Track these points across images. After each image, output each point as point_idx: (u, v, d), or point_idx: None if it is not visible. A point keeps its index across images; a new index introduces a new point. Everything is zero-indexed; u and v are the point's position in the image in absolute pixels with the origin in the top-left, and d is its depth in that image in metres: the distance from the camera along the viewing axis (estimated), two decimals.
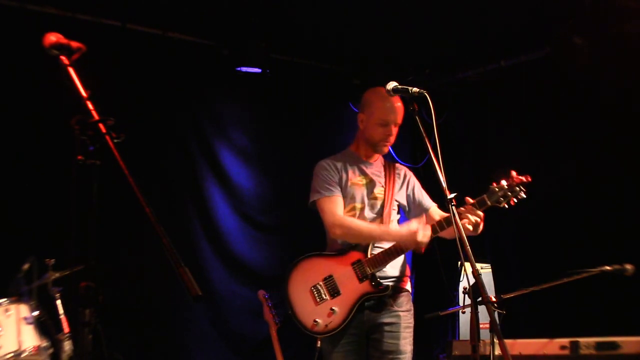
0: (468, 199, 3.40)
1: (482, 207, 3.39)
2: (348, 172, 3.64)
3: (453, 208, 2.87)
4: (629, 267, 3.76)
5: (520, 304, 4.01)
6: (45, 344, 4.14)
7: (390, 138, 3.62)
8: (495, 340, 3.41)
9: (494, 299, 2.81)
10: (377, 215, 3.60)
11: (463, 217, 3.34)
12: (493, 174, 3.45)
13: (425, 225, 3.41)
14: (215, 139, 5.83)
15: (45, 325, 4.23)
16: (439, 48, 5.86)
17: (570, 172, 5.29)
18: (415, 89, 3.28)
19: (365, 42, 5.82)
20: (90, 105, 2.12)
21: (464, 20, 5.29)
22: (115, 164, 2.03)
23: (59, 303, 4.35)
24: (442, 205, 3.60)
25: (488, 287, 2.89)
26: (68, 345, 4.23)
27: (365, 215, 3.59)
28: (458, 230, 2.85)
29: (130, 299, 4.99)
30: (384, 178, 3.68)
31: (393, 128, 3.57)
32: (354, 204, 3.60)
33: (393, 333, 3.48)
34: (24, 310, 4.10)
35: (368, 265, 3.47)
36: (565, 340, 4.01)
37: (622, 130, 5.11)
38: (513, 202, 3.38)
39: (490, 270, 5.82)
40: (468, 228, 3.36)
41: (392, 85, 3.37)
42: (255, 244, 5.94)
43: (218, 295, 5.64)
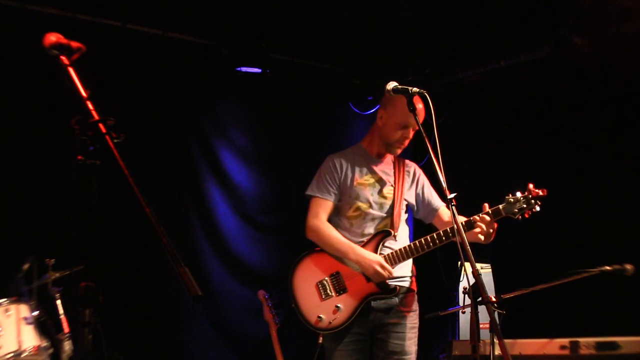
0: (485, 206, 3.37)
1: (496, 217, 3.36)
2: (355, 171, 3.61)
3: (453, 208, 2.87)
4: (629, 267, 3.76)
5: (520, 304, 4.00)
6: (45, 344, 4.14)
7: (406, 141, 3.59)
8: (495, 340, 3.41)
9: (494, 299, 2.80)
10: (387, 215, 3.57)
11: (477, 226, 3.33)
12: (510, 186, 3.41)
13: (386, 268, 3.40)
14: (215, 139, 5.83)
15: (45, 325, 4.23)
16: (439, 48, 5.86)
17: (570, 172, 5.29)
18: (415, 89, 3.28)
19: (365, 42, 5.82)
20: (90, 105, 2.12)
21: (464, 20, 5.29)
22: (115, 164, 2.03)
23: (59, 303, 4.35)
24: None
25: (488, 287, 2.89)
26: (68, 345, 4.23)
27: (374, 214, 3.55)
28: (458, 230, 2.85)
29: (130, 299, 4.99)
30: (394, 176, 3.65)
31: (411, 131, 3.55)
32: (359, 204, 3.57)
33: (399, 334, 3.47)
34: (24, 310, 4.10)
35: None
36: (565, 340, 4.01)
37: (622, 130, 5.11)
38: (527, 214, 3.37)
39: (490, 270, 5.82)
40: (480, 238, 3.35)
41: (392, 85, 3.36)
42: (255, 244, 5.94)
43: (218, 295, 5.64)
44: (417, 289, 3.66)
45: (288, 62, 6.04)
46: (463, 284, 4.97)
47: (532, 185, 3.37)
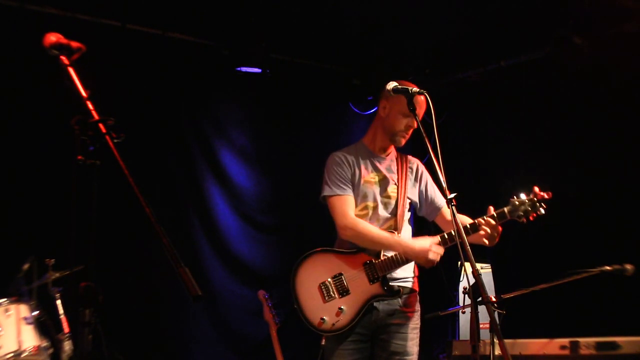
0: (490, 209, 3.36)
1: (501, 220, 3.34)
2: (361, 168, 3.56)
3: (453, 208, 2.87)
4: (629, 267, 3.76)
5: (520, 304, 4.00)
6: (45, 344, 4.15)
7: (410, 131, 3.53)
8: (495, 340, 3.41)
9: (494, 299, 2.80)
10: (391, 215, 3.53)
11: (482, 229, 3.31)
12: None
13: (438, 245, 3.36)
14: (215, 139, 5.83)
15: (45, 325, 4.23)
16: (439, 48, 5.86)
17: (570, 171, 5.29)
18: (415, 89, 3.28)
19: (365, 42, 5.82)
20: (90, 105, 2.12)
21: (464, 20, 5.29)
22: (115, 164, 2.03)
23: (59, 303, 4.35)
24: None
25: (488, 287, 2.89)
26: (68, 345, 4.24)
27: (379, 214, 3.51)
28: (458, 230, 2.85)
29: (131, 299, 4.99)
30: (397, 174, 3.60)
31: (414, 121, 3.45)
32: (367, 203, 3.52)
33: (401, 334, 3.45)
34: (24, 310, 4.11)
35: (380, 268, 3.42)
36: (565, 340, 4.01)
37: (622, 130, 5.11)
38: (532, 217, 3.36)
39: (490, 270, 5.82)
40: (484, 242, 3.33)
41: (392, 85, 3.36)
42: (255, 244, 5.94)
43: (218, 295, 5.64)
44: (418, 289, 3.65)
45: (288, 62, 6.04)
46: (463, 284, 4.97)
47: (537, 188, 3.36)
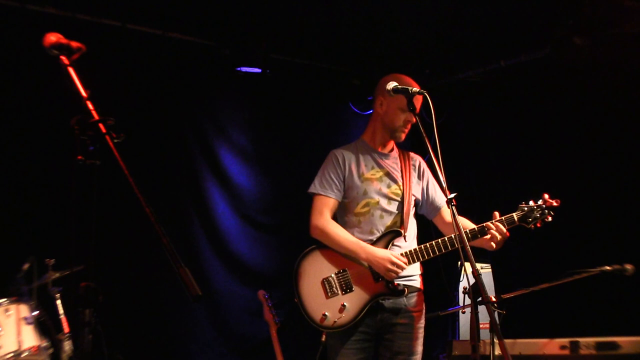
0: (495, 214, 3.35)
1: (509, 225, 3.34)
2: (360, 165, 3.54)
3: (453, 208, 2.87)
4: (629, 267, 3.77)
5: (520, 304, 4.00)
6: (45, 344, 4.15)
7: (409, 125, 3.52)
8: (495, 340, 3.42)
9: (494, 299, 2.80)
10: (397, 212, 3.50)
11: (491, 234, 3.30)
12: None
13: (400, 260, 3.33)
14: (215, 139, 5.83)
15: (45, 325, 4.23)
16: (439, 48, 5.86)
17: (570, 171, 5.29)
18: (415, 89, 3.28)
19: (365, 42, 5.82)
20: (90, 105, 2.13)
21: (464, 21, 5.29)
22: (115, 164, 2.03)
23: (59, 303, 4.35)
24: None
25: (488, 287, 2.89)
26: (68, 345, 4.24)
27: (384, 211, 3.48)
28: (458, 230, 2.85)
29: (131, 299, 4.99)
30: (401, 172, 3.57)
31: (413, 116, 3.41)
32: (369, 200, 3.49)
33: (406, 334, 3.42)
34: (24, 310, 4.10)
35: None
36: (565, 340, 4.01)
37: (622, 130, 5.11)
38: (539, 224, 3.37)
39: (490, 270, 5.82)
40: (491, 246, 3.33)
41: (392, 85, 3.36)
42: (255, 244, 5.94)
43: (218, 295, 5.64)
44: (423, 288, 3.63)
45: (288, 62, 6.04)
46: (463, 284, 4.98)
47: (547, 195, 3.38)
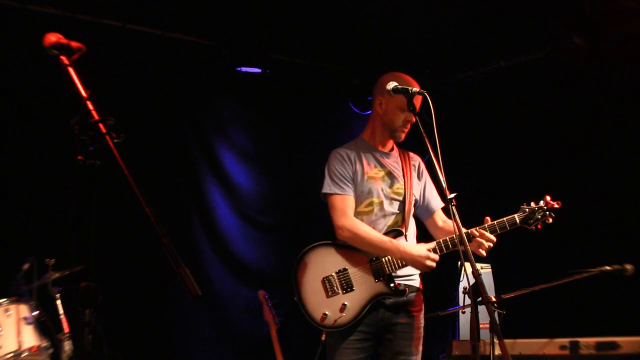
0: (487, 219, 3.36)
1: (511, 227, 3.36)
2: (363, 164, 3.50)
3: (453, 208, 2.87)
4: (629, 267, 3.76)
5: (520, 304, 4.00)
6: (45, 344, 4.15)
7: (409, 125, 3.50)
8: (495, 340, 3.41)
9: (494, 299, 2.80)
10: (398, 211, 3.49)
11: (477, 241, 3.31)
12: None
13: (434, 254, 3.34)
14: (215, 139, 5.83)
15: (45, 325, 4.23)
16: (439, 48, 5.86)
17: (570, 171, 5.29)
18: (415, 89, 3.28)
19: (365, 42, 5.82)
20: (90, 105, 2.13)
21: (464, 21, 5.29)
22: (115, 164, 2.03)
23: (59, 303, 4.35)
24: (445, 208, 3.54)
25: (488, 287, 2.89)
26: (68, 345, 4.24)
27: (386, 210, 3.46)
28: (459, 230, 2.85)
29: (131, 300, 4.99)
30: (402, 171, 3.55)
31: (412, 115, 3.38)
32: (372, 199, 3.46)
33: (407, 334, 3.41)
34: (24, 310, 4.10)
35: (387, 266, 3.37)
36: (565, 340, 4.01)
37: (622, 130, 5.11)
38: (540, 225, 3.38)
39: (490, 270, 5.81)
40: (481, 253, 3.33)
41: (392, 85, 3.36)
42: (255, 244, 5.94)
43: (218, 295, 5.64)
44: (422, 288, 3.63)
45: (288, 62, 6.04)
46: (463, 284, 4.97)
47: (549, 197, 3.38)
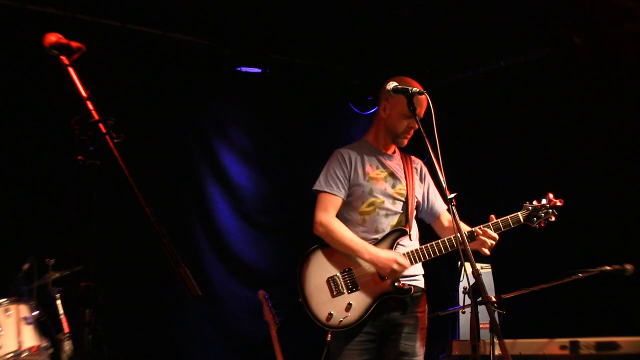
0: (492, 217, 3.37)
1: (514, 224, 3.38)
2: (365, 165, 3.53)
3: (453, 208, 2.87)
4: (629, 267, 3.77)
5: (520, 304, 4.00)
6: (45, 344, 4.15)
7: (412, 131, 3.52)
8: (495, 340, 3.42)
9: (494, 299, 2.80)
10: (401, 212, 3.50)
11: (480, 240, 3.32)
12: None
13: (404, 259, 3.34)
14: (215, 139, 5.83)
15: (45, 325, 4.23)
16: (439, 48, 5.85)
17: (570, 171, 5.29)
18: (415, 89, 3.27)
19: (365, 42, 5.82)
20: (90, 105, 2.13)
21: (465, 20, 5.29)
22: (115, 164, 2.03)
23: (59, 303, 4.35)
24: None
25: (488, 287, 2.89)
26: (68, 345, 4.24)
27: (388, 210, 3.47)
28: (459, 231, 2.85)
29: (130, 299, 4.99)
30: (404, 172, 3.57)
31: (415, 121, 3.38)
32: (374, 199, 3.47)
33: (410, 334, 3.41)
34: (24, 310, 4.10)
35: None
36: (565, 340, 4.01)
37: (622, 130, 5.11)
38: (543, 223, 3.40)
39: (490, 270, 5.82)
40: (485, 252, 3.33)
41: (392, 85, 3.35)
42: (255, 244, 5.94)
43: (218, 295, 5.64)
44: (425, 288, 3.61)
45: (288, 62, 6.04)
46: (463, 284, 4.97)
47: (552, 195, 3.40)
